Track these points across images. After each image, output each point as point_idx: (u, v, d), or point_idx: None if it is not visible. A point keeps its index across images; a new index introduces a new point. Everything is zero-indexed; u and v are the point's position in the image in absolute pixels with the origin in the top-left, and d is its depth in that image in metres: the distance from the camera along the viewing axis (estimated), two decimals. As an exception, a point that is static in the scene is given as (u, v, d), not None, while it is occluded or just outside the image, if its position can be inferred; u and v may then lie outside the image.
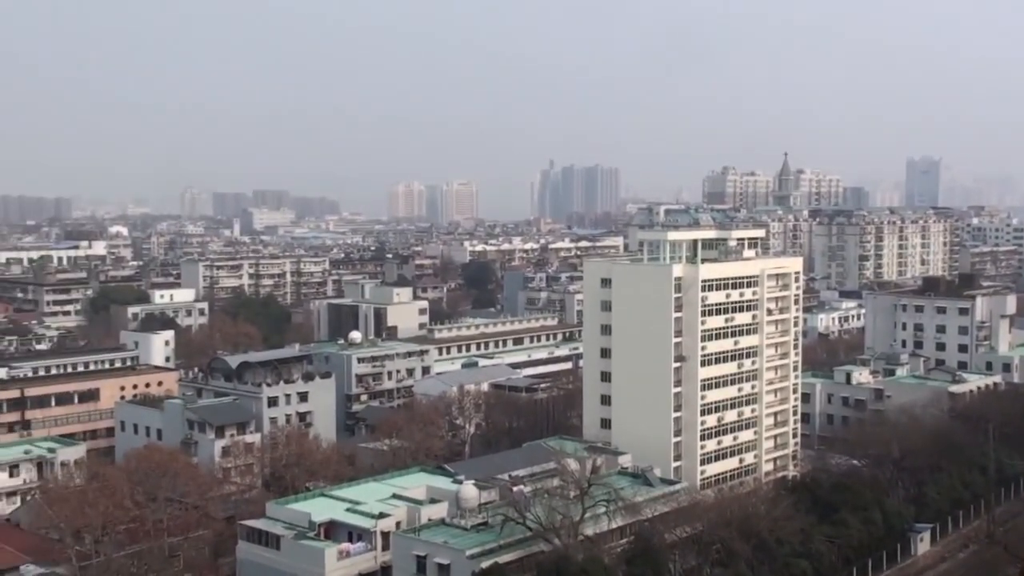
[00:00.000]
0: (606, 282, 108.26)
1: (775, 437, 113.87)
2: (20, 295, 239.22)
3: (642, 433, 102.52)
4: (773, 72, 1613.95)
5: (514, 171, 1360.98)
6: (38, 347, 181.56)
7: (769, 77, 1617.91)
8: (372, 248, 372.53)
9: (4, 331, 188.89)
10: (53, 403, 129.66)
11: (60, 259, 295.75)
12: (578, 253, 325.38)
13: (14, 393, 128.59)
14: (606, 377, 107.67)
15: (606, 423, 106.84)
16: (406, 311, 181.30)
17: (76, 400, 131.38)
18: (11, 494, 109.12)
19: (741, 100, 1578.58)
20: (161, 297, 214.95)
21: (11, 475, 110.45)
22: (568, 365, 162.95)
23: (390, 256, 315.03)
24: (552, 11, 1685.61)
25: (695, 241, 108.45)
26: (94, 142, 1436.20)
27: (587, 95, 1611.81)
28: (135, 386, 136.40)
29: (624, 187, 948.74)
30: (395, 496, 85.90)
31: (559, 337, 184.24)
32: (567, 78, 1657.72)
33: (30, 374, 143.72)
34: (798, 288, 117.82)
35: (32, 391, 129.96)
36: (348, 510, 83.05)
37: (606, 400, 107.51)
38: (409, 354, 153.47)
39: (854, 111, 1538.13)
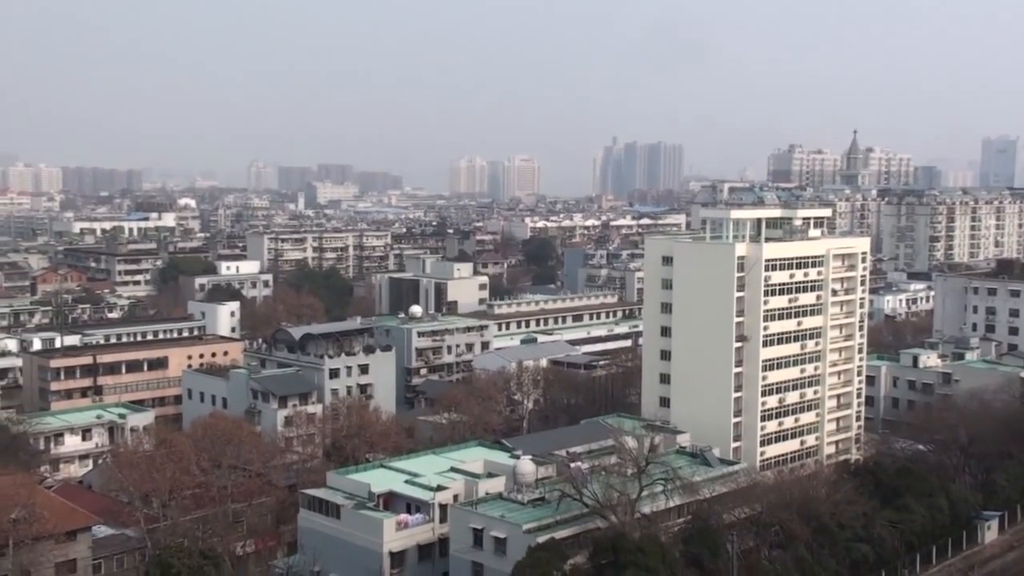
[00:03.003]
0: (667, 260, 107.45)
1: (837, 420, 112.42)
2: (93, 264, 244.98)
3: (701, 413, 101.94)
4: (843, 47, 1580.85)
5: (576, 147, 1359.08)
6: (110, 315, 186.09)
7: (839, 52, 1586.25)
8: (433, 223, 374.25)
9: (78, 299, 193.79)
10: (124, 370, 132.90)
11: (131, 230, 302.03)
12: (639, 230, 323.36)
13: (87, 360, 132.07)
14: (666, 355, 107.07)
15: (665, 402, 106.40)
16: (466, 286, 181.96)
17: (146, 368, 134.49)
18: (84, 457, 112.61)
19: (809, 76, 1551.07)
20: (227, 269, 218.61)
21: (84, 439, 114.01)
22: (627, 343, 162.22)
23: (451, 231, 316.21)
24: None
25: (759, 220, 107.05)
26: (165, 115, 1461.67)
27: (650, 70, 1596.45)
28: (201, 355, 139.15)
29: (687, 164, 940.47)
30: (453, 469, 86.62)
31: (619, 315, 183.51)
32: (630, 53, 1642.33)
33: (102, 341, 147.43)
34: (865, 269, 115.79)
35: (104, 358, 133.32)
36: (407, 482, 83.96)
37: (665, 379, 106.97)
38: (469, 329, 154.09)
39: (928, 88, 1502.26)
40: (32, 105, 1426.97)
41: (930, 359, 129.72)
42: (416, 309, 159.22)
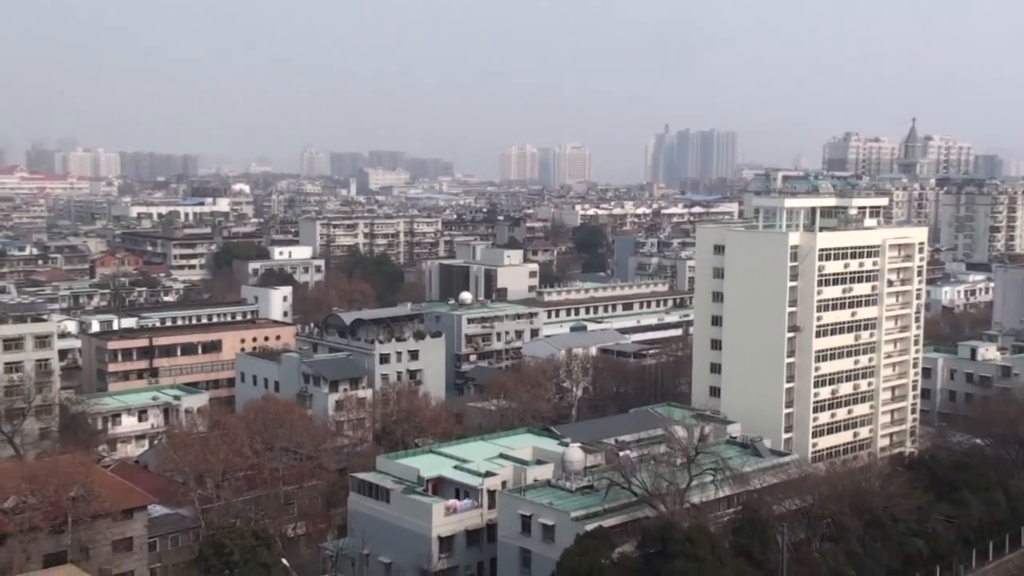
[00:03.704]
0: (719, 249, 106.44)
1: (892, 412, 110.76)
2: (150, 248, 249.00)
3: (752, 403, 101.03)
4: (903, 34, 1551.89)
5: (628, 135, 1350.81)
6: (165, 299, 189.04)
7: (898, 39, 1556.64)
8: (484, 210, 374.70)
9: (135, 282, 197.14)
10: (179, 353, 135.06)
11: (187, 215, 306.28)
12: (691, 219, 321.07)
13: (143, 342, 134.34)
14: (716, 345, 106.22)
15: (715, 391, 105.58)
16: (516, 273, 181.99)
17: (200, 351, 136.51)
18: (140, 437, 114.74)
19: (868, 63, 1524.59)
20: (280, 254, 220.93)
21: (140, 420, 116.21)
22: (678, 332, 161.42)
23: (501, 218, 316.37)
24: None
25: (813, 209, 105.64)
26: (221, 102, 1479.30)
27: (705, 57, 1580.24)
28: (254, 339, 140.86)
29: (741, 152, 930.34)
30: (502, 456, 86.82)
31: (669, 303, 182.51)
32: (685, 40, 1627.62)
33: (158, 324, 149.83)
34: (922, 259, 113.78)
35: (160, 341, 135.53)
36: (456, 467, 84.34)
37: (716, 368, 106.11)
38: (518, 316, 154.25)
39: (990, 76, 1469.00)
40: (92, 91, 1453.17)
41: (989, 352, 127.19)
42: (466, 296, 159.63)
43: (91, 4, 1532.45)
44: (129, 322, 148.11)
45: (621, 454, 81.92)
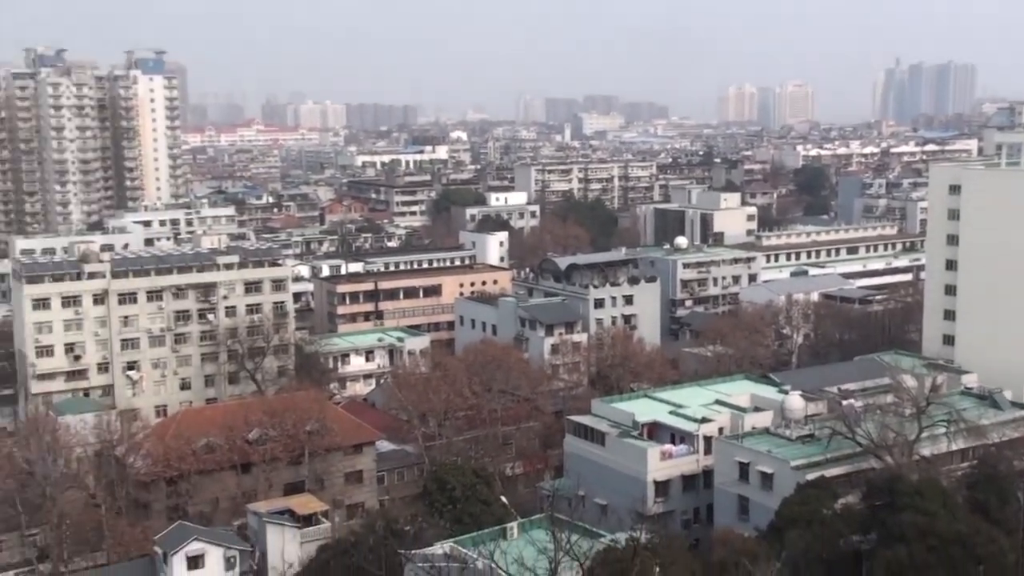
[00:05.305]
0: (955, 189, 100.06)
1: None
2: (374, 196, 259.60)
3: (992, 351, 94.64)
4: None
5: (854, 71, 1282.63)
6: (389, 244, 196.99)
7: None
8: (700, 153, 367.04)
9: (360, 229, 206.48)
10: (401, 296, 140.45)
11: (407, 162, 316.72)
12: (923, 157, 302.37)
13: (369, 286, 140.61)
14: (950, 291, 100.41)
15: (948, 339, 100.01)
16: (733, 217, 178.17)
17: (421, 294, 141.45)
18: (367, 377, 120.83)
19: None
20: (496, 200, 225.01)
21: (367, 360, 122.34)
22: (907, 277, 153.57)
23: (718, 161, 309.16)
24: None
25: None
26: (439, 52, 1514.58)
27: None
28: (472, 283, 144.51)
29: (981, 86, 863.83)
30: (718, 402, 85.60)
31: (898, 247, 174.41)
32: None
33: (382, 269, 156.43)
34: None
35: (384, 284, 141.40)
36: (671, 412, 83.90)
37: (949, 315, 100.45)
38: (736, 260, 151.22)
39: None
40: (320, 45, 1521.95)
41: None
42: (681, 240, 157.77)
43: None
44: (356, 267, 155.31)
45: (844, 403, 79.08)
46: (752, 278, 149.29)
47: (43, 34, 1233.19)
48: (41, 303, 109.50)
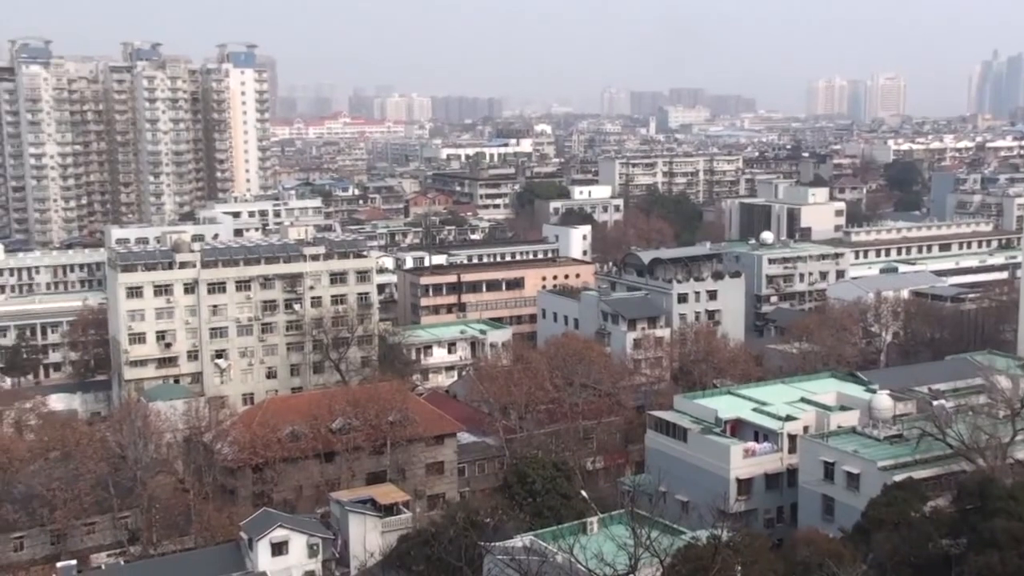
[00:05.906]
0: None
1: None
2: (458, 188, 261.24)
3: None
4: None
5: (949, 64, 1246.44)
6: (472, 236, 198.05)
7: None
8: (787, 146, 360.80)
9: (444, 221, 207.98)
10: (484, 289, 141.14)
11: (492, 155, 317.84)
12: (1021, 152, 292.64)
13: (452, 278, 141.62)
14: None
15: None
16: (821, 212, 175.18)
17: (504, 287, 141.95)
18: (449, 368, 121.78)
19: None
20: (580, 193, 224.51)
21: (449, 351, 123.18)
22: (1003, 275, 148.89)
23: (806, 155, 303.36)
24: None
25: None
26: (525, 45, 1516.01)
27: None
28: (555, 277, 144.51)
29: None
30: (803, 400, 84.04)
31: (993, 244, 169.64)
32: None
33: (465, 261, 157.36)
34: None
35: (467, 277, 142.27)
36: (755, 410, 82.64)
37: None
38: (823, 256, 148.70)
39: None
40: (407, 39, 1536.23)
41: None
42: (767, 235, 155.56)
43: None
44: (439, 259, 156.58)
45: (935, 403, 77.00)
46: (840, 274, 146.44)
47: (139, 29, 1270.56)
48: (134, 291, 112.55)
